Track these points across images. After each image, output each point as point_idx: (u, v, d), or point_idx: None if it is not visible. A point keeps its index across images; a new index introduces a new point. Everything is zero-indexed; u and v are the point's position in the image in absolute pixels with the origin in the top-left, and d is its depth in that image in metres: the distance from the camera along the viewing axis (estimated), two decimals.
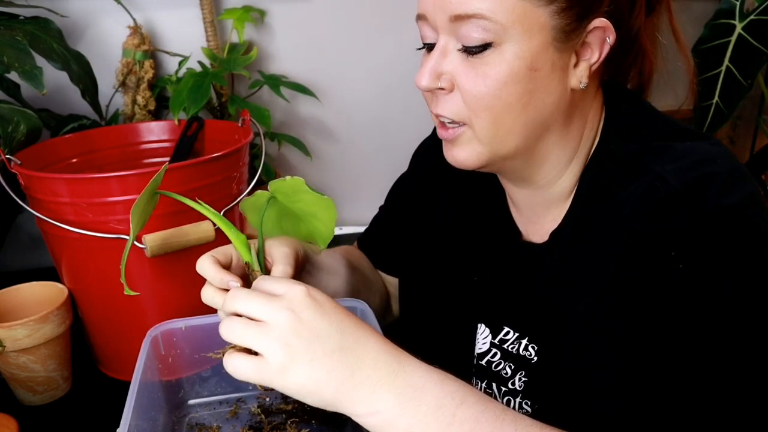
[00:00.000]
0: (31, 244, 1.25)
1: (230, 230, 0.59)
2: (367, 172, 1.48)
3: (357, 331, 0.51)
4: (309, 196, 0.63)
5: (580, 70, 0.58)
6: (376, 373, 0.50)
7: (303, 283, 0.52)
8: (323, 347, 0.49)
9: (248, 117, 1.00)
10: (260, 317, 0.50)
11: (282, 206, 0.65)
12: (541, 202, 0.67)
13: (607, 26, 0.57)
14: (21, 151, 0.89)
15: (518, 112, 0.58)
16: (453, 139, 0.61)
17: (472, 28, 0.55)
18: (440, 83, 0.59)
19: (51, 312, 0.82)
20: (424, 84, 0.59)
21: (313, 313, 0.50)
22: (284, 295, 0.51)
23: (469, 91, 0.57)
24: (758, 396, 0.52)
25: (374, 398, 0.49)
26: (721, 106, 1.42)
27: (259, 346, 0.49)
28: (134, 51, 1.18)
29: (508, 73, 0.56)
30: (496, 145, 0.60)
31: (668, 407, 0.50)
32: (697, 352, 0.51)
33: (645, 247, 0.53)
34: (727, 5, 1.43)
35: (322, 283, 0.74)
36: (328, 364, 0.49)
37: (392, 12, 1.38)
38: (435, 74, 0.59)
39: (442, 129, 0.62)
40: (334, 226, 0.67)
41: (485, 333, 0.70)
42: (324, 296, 0.52)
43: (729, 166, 0.55)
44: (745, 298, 0.51)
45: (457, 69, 0.58)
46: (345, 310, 0.53)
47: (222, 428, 0.74)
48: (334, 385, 0.49)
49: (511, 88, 0.56)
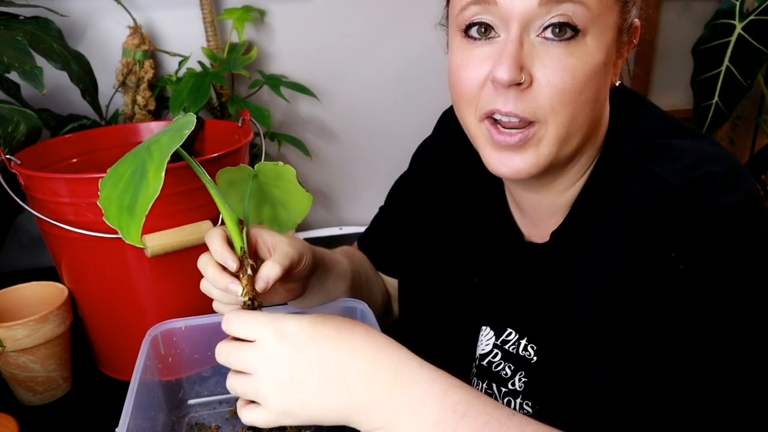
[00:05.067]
0: (31, 244, 1.26)
1: (225, 210, 0.57)
2: (367, 172, 1.48)
3: (340, 356, 0.50)
4: (291, 186, 0.62)
5: (617, 68, 0.59)
6: (369, 397, 0.50)
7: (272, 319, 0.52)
8: (310, 386, 0.50)
9: (248, 117, 1.00)
10: (243, 370, 0.52)
11: (257, 186, 0.64)
12: (549, 207, 0.66)
13: (638, 27, 0.59)
14: (21, 151, 0.89)
15: (590, 109, 0.55)
16: (523, 143, 0.55)
17: (568, 10, 0.51)
18: (523, 76, 0.53)
19: (51, 312, 0.82)
20: (509, 77, 0.52)
21: (290, 355, 0.50)
22: (257, 342, 0.51)
23: (556, 85, 0.53)
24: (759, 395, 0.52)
25: (373, 419, 0.50)
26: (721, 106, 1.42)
27: (254, 398, 0.52)
28: (134, 51, 1.18)
29: (593, 65, 0.53)
30: (563, 146, 0.56)
31: (673, 405, 0.50)
32: (699, 352, 0.51)
33: (646, 248, 0.53)
34: (727, 5, 1.43)
35: (330, 288, 0.74)
36: (321, 399, 0.50)
37: (392, 12, 1.38)
38: (518, 65, 0.52)
39: (505, 134, 0.55)
40: (299, 221, 0.66)
41: (489, 335, 0.70)
42: (296, 326, 0.51)
43: (729, 165, 0.55)
44: (746, 298, 0.51)
45: (541, 60, 0.53)
46: (324, 330, 0.52)
47: (222, 428, 0.74)
48: (334, 416, 0.51)
49: (593, 81, 0.54)
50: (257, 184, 0.64)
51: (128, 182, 0.51)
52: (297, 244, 0.64)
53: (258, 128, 1.03)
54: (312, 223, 1.48)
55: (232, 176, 0.63)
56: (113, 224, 0.50)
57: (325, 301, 0.74)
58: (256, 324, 0.52)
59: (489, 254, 0.72)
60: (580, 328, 0.58)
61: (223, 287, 0.57)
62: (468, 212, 0.75)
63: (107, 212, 0.51)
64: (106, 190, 0.52)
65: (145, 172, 0.49)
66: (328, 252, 0.76)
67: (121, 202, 0.50)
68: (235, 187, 0.63)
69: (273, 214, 0.67)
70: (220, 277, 0.57)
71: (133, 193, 0.49)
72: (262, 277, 0.58)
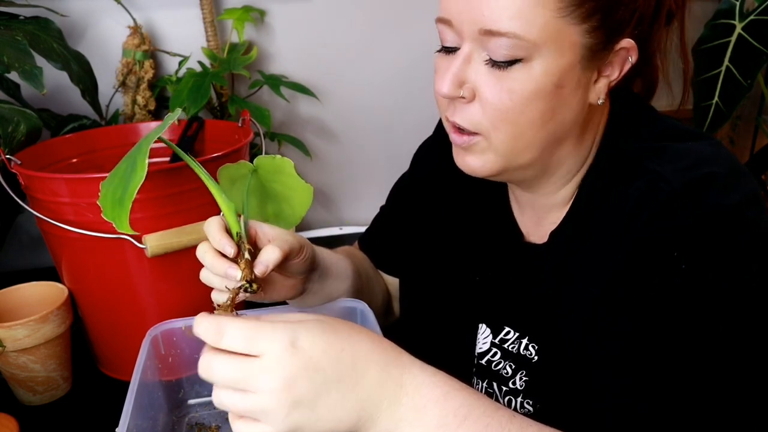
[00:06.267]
0: (31, 244, 1.25)
1: (221, 197, 0.57)
2: (368, 172, 1.48)
3: (353, 372, 0.48)
4: (291, 179, 0.62)
5: (599, 87, 0.58)
6: (379, 408, 0.48)
7: (282, 332, 0.47)
8: (325, 405, 0.47)
9: (248, 117, 1.00)
10: (247, 388, 0.46)
11: (258, 183, 0.64)
12: (545, 205, 0.67)
13: (632, 47, 0.57)
14: (21, 151, 0.89)
15: (539, 128, 0.57)
16: (467, 147, 0.60)
17: (503, 44, 0.53)
18: (462, 92, 0.57)
19: (51, 312, 0.82)
20: (446, 91, 0.57)
21: (305, 374, 0.46)
22: (265, 357, 0.46)
23: (494, 105, 0.56)
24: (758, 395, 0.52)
25: (378, 427, 0.49)
26: (721, 106, 1.42)
27: (259, 417, 0.46)
28: (134, 51, 1.18)
29: (534, 89, 0.54)
30: (512, 158, 0.59)
31: (673, 405, 0.50)
32: (699, 352, 0.51)
33: (647, 248, 0.53)
34: (727, 5, 1.43)
35: (331, 288, 0.74)
36: (334, 415, 0.47)
37: (392, 12, 1.38)
38: (458, 82, 0.57)
39: (456, 134, 0.60)
40: (303, 215, 0.66)
41: (486, 333, 0.70)
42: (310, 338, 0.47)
43: (729, 166, 0.55)
44: (746, 298, 0.51)
45: (481, 79, 0.56)
46: (337, 343, 0.48)
47: (222, 428, 0.74)
48: (344, 428, 0.48)
49: (536, 104, 0.55)
50: (259, 181, 0.64)
51: (121, 178, 0.52)
52: (297, 236, 0.64)
53: (258, 128, 1.03)
54: (312, 223, 1.48)
55: (233, 173, 0.63)
56: (109, 218, 0.51)
57: (325, 300, 0.74)
58: (266, 337, 0.46)
59: (489, 254, 0.72)
60: (578, 329, 0.58)
61: (222, 273, 0.57)
62: (469, 212, 0.75)
63: (104, 208, 0.52)
64: (104, 189, 0.53)
65: (135, 166, 0.51)
66: (329, 252, 0.76)
67: (114, 196, 0.52)
68: (237, 185, 0.64)
69: (277, 210, 0.67)
70: (218, 263, 0.57)
71: (124, 186, 0.51)
72: (262, 261, 0.58)
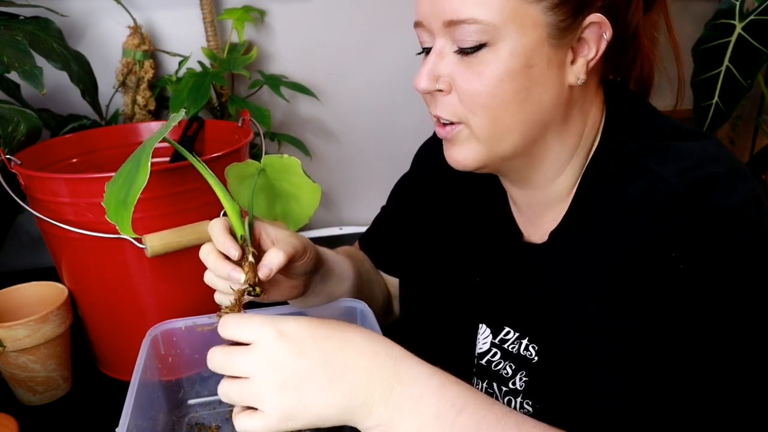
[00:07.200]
0: (31, 244, 1.25)
1: (226, 199, 0.58)
2: (368, 172, 1.48)
3: (341, 355, 0.50)
4: (299, 178, 0.62)
5: (577, 67, 0.59)
6: (371, 395, 0.50)
7: (270, 320, 0.51)
8: (312, 388, 0.49)
9: (248, 117, 1.00)
10: (241, 374, 0.50)
11: (266, 181, 0.64)
12: (541, 201, 0.67)
13: (602, 21, 0.57)
14: (21, 151, 0.89)
15: (515, 110, 0.58)
16: (451, 138, 0.62)
17: (466, 31, 0.56)
18: (438, 85, 0.59)
19: (51, 312, 0.82)
20: (423, 86, 0.60)
21: (290, 356, 0.49)
22: (255, 344, 0.50)
23: (466, 90, 0.58)
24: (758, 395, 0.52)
25: (374, 416, 0.50)
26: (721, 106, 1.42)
27: (252, 402, 0.50)
28: (134, 51, 1.18)
29: (503, 70, 0.56)
30: (495, 144, 0.60)
31: (673, 405, 0.50)
32: (699, 352, 0.51)
33: (648, 247, 0.53)
34: (727, 5, 1.43)
35: (332, 288, 0.75)
36: (323, 401, 0.49)
37: (392, 12, 1.38)
38: (433, 76, 0.59)
39: (440, 128, 0.62)
40: (311, 213, 0.66)
41: (486, 333, 0.70)
42: (295, 325, 0.51)
43: (730, 166, 0.55)
44: (747, 299, 0.51)
45: (454, 70, 0.58)
46: (323, 329, 0.51)
47: (221, 428, 0.74)
48: (336, 415, 0.50)
49: (506, 85, 0.57)
50: (267, 181, 0.64)
51: (125, 179, 0.52)
52: (301, 237, 0.65)
53: (258, 128, 1.03)
54: (312, 223, 1.48)
55: (241, 172, 0.63)
56: (112, 220, 0.51)
57: (326, 300, 0.74)
58: (253, 325, 0.51)
59: (489, 254, 0.72)
60: (578, 329, 0.58)
61: (225, 275, 0.57)
62: (469, 212, 0.75)
63: (108, 210, 0.52)
64: (109, 190, 0.53)
65: (138, 167, 0.51)
66: (330, 252, 0.76)
67: (118, 197, 0.52)
68: (245, 184, 0.64)
69: (286, 209, 0.67)
70: (222, 266, 0.58)
71: (128, 187, 0.51)
72: (266, 264, 0.58)
